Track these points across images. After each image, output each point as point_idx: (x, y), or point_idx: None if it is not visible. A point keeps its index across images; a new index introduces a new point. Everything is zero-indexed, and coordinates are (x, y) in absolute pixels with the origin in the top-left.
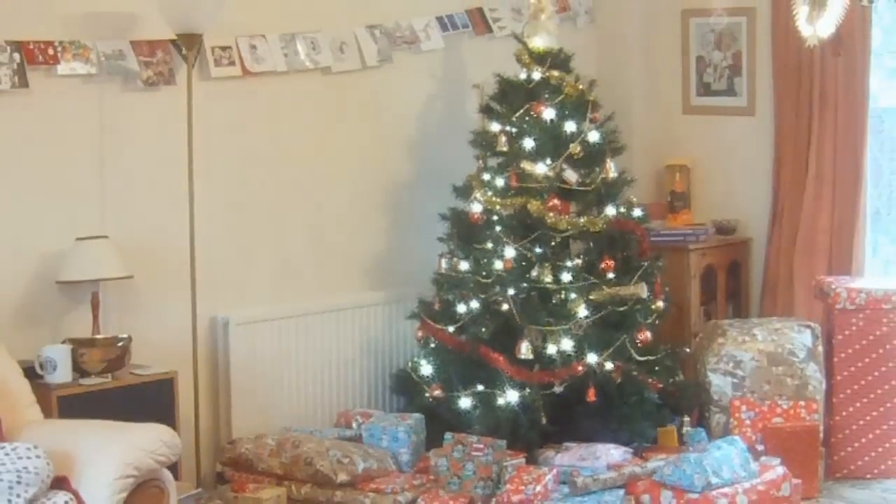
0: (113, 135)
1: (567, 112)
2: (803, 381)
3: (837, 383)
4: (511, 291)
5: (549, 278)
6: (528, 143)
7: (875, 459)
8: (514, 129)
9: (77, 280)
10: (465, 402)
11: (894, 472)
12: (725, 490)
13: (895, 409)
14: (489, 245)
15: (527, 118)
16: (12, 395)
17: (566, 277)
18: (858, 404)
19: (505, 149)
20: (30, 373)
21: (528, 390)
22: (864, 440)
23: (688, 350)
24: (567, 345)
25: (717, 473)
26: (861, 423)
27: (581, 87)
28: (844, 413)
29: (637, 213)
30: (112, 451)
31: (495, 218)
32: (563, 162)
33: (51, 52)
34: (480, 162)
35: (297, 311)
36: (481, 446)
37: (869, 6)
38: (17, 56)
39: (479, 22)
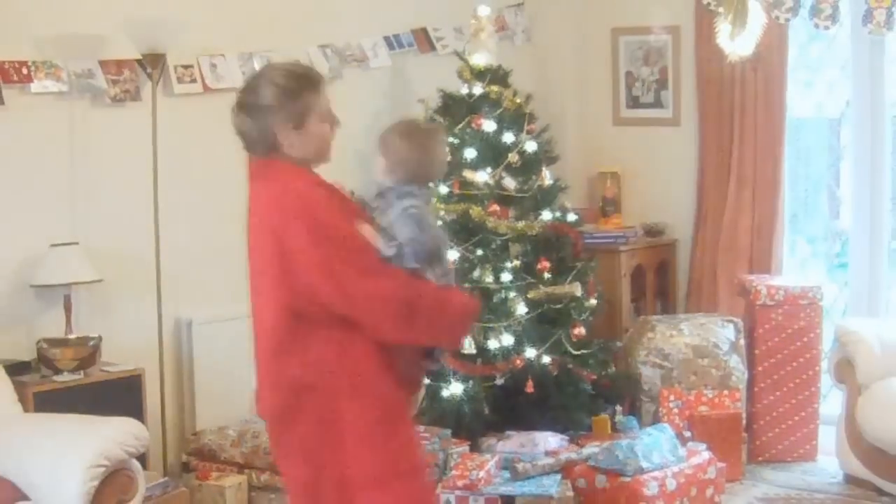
0: (83, 148)
1: (505, 124)
2: (727, 371)
3: (758, 374)
4: None
5: (490, 278)
6: (470, 153)
7: (794, 444)
8: (456, 141)
9: (50, 284)
10: None
11: (812, 456)
12: (655, 474)
13: (812, 398)
14: None
15: (468, 130)
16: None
17: (506, 277)
18: (778, 393)
19: (448, 158)
20: (9, 371)
21: (471, 383)
22: (783, 426)
23: (619, 344)
24: (507, 340)
25: (647, 458)
26: (780, 410)
27: (518, 100)
28: (765, 401)
29: (571, 217)
30: (84, 443)
31: (440, 223)
32: (502, 170)
33: (25, 71)
34: None
35: None
36: (428, 435)
37: (785, 24)
38: None
39: (424, 41)
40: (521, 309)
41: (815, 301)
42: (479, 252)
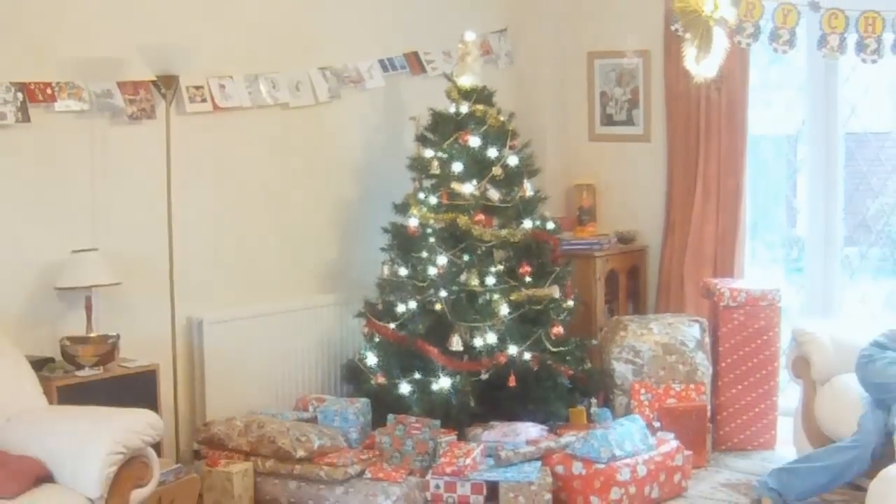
0: (103, 162)
1: (490, 140)
2: (693, 367)
3: (722, 369)
4: (443, 293)
5: (475, 282)
6: (457, 167)
7: (754, 434)
8: (444, 155)
9: (73, 286)
10: (404, 388)
11: (770, 445)
12: (627, 461)
13: (771, 391)
14: (424, 254)
15: (456, 145)
16: (23, 387)
17: (490, 281)
18: (740, 387)
19: (437, 172)
20: (35, 366)
21: (458, 377)
22: (744, 417)
23: (594, 342)
24: (491, 338)
25: (620, 447)
26: (742, 403)
27: (502, 118)
28: (728, 394)
29: (550, 225)
30: (104, 432)
31: (429, 231)
32: (486, 182)
33: (49, 91)
34: (416, 183)
35: (261, 311)
36: (419, 425)
37: (747, 48)
38: (20, 95)
39: (415, 64)
40: (504, 310)
41: (774, 302)
42: (466, 257)
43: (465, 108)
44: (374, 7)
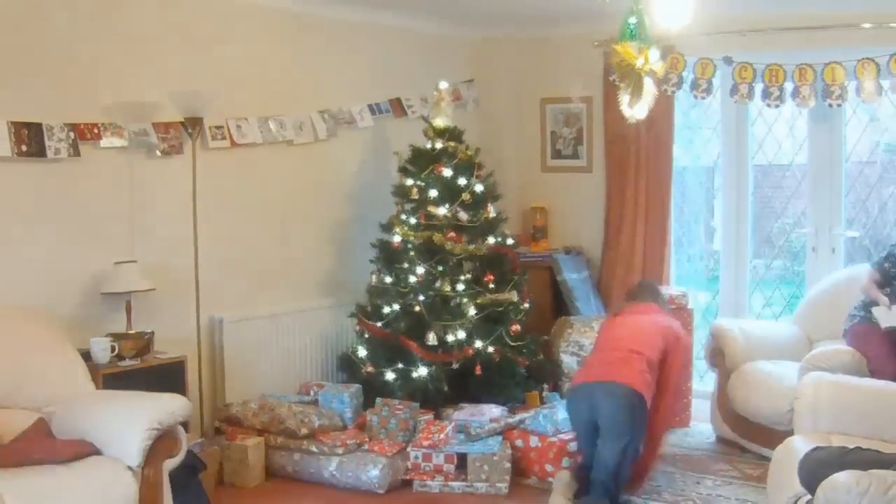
0: (139, 189)
1: (460, 171)
2: None
3: None
4: (421, 297)
5: (448, 288)
6: (433, 193)
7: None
8: (422, 183)
9: (115, 292)
10: (389, 376)
11: (686, 423)
12: (574, 435)
13: (686, 378)
14: (406, 265)
15: (431, 175)
16: (75, 375)
17: (460, 287)
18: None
19: (416, 197)
20: (84, 357)
21: (434, 367)
22: None
23: (546, 338)
24: (461, 335)
25: (564, 423)
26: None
27: (470, 153)
28: None
29: (510, 241)
30: (142, 412)
31: (410, 246)
32: (457, 206)
33: (95, 130)
34: (399, 206)
35: (271, 312)
36: (402, 407)
37: (672, 95)
38: (71, 134)
39: (398, 108)
40: (472, 311)
41: (682, 305)
42: (440, 268)
43: (439, 145)
44: (365, 62)
